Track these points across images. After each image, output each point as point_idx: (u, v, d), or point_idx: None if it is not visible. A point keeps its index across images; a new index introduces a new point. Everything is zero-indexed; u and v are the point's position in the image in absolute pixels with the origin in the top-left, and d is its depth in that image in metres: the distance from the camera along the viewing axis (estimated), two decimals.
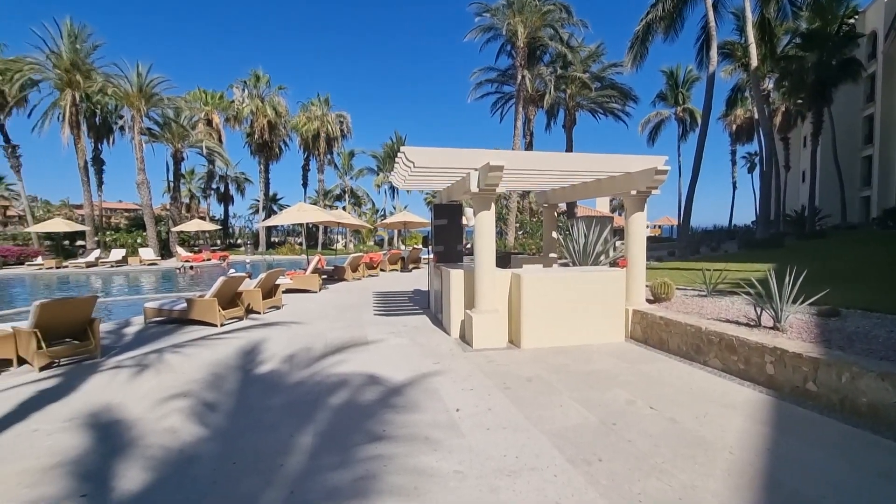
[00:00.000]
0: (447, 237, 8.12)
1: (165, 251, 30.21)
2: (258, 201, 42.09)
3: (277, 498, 2.61)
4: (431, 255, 8.42)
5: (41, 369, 5.15)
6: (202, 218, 42.67)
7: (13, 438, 3.49)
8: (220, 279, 7.63)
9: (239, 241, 45.32)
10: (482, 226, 6.01)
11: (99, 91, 26.99)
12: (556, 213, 10.08)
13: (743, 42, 22.60)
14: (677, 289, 7.27)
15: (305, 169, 40.49)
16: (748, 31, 18.61)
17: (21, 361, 5.35)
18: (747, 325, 5.03)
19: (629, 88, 27.46)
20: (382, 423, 3.59)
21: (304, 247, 38.06)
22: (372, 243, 44.71)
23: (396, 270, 18.23)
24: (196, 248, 32.83)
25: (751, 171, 51.29)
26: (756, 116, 27.69)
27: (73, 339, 5.69)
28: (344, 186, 47.79)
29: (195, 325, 7.56)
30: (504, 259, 8.16)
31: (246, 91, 35.40)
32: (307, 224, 32.06)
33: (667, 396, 4.10)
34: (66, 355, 5.45)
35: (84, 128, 27.43)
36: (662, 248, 21.95)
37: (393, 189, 48.08)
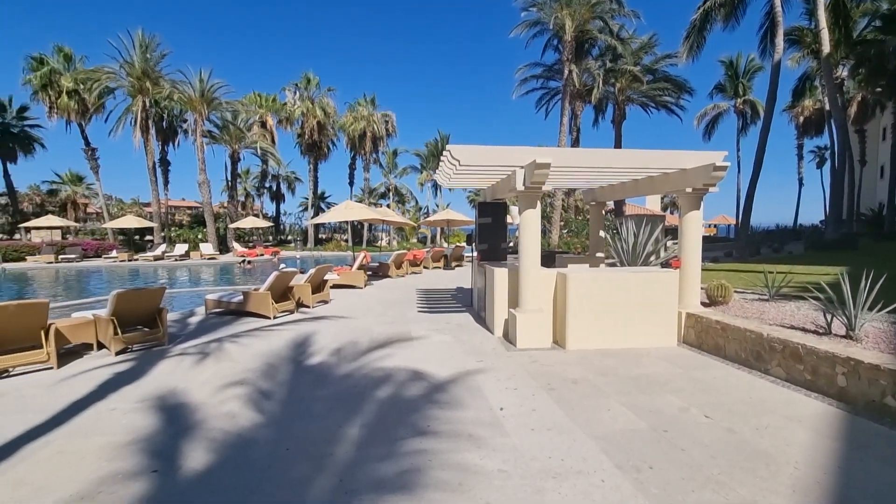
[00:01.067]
0: (491, 235, 8.08)
1: (223, 246, 32.02)
2: (307, 199, 43.70)
3: (327, 485, 2.72)
4: (475, 254, 8.42)
5: (117, 353, 5.62)
6: (256, 215, 44.91)
7: (95, 415, 3.84)
8: (274, 274, 8.01)
9: (289, 237, 47.23)
10: (527, 224, 5.94)
11: (166, 97, 28.97)
12: (603, 212, 9.78)
13: (813, 27, 20.88)
14: (735, 292, 6.87)
15: (352, 167, 41.58)
16: (819, 14, 17.16)
17: (100, 346, 5.86)
18: (815, 332, 4.66)
19: (684, 80, 26.11)
20: (427, 419, 3.64)
21: (349, 243, 39.17)
22: (415, 241, 45.27)
23: (439, 268, 18.37)
24: (250, 244, 34.60)
25: (820, 166, 47.38)
26: (827, 107, 25.53)
27: (143, 326, 6.17)
28: (388, 184, 48.64)
29: (250, 316, 7.98)
30: (549, 258, 8.03)
31: (297, 93, 36.82)
32: (353, 221, 32.98)
33: (723, 405, 3.89)
34: (138, 341, 5.92)
35: (153, 131, 29.55)
36: (718, 248, 20.77)
37: (436, 187, 48.41)
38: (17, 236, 31.88)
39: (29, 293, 14.91)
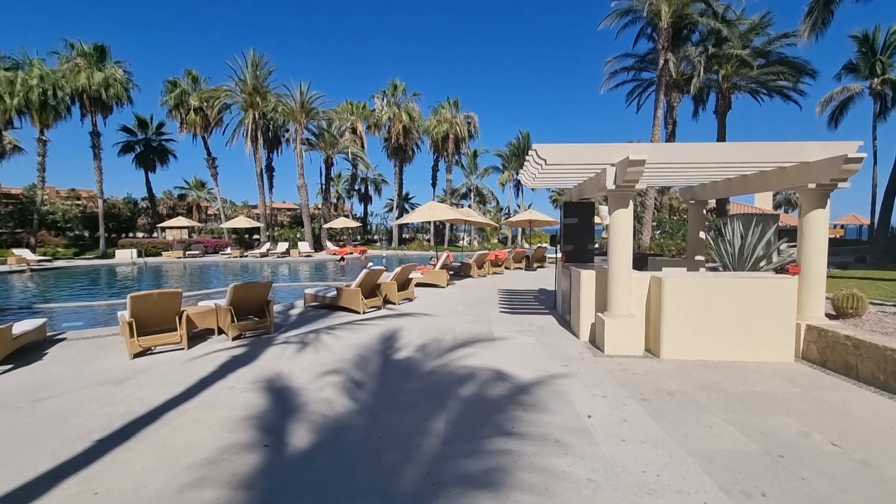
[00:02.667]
0: (577, 236, 7.81)
1: (318, 245, 34.59)
2: (392, 200, 45.62)
3: (416, 475, 2.83)
4: (559, 255, 8.19)
5: (233, 339, 6.36)
6: (346, 216, 47.89)
7: (217, 391, 4.38)
8: (364, 271, 8.50)
9: (375, 236, 49.71)
10: (618, 224, 5.65)
11: (272, 109, 32.02)
12: (704, 211, 8.96)
13: None
14: (871, 303, 5.91)
15: (434, 169, 42.56)
16: None
17: (220, 331, 6.67)
18: None
19: (804, 62, 22.92)
20: (511, 420, 3.64)
21: (431, 243, 40.18)
22: (496, 241, 45.15)
23: (521, 269, 18.14)
24: (341, 243, 36.99)
25: None
26: None
27: (254, 316, 6.89)
28: (470, 185, 49.07)
29: (342, 311, 8.54)
30: (640, 260, 7.57)
31: (385, 100, 38.60)
32: (435, 222, 33.76)
33: (855, 433, 3.38)
34: (250, 329, 6.63)
35: (260, 141, 32.81)
36: (847, 252, 17.99)
37: (517, 187, 47.85)
38: (154, 235, 37.30)
39: (164, 284, 17.38)
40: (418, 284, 11.69)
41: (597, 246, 9.59)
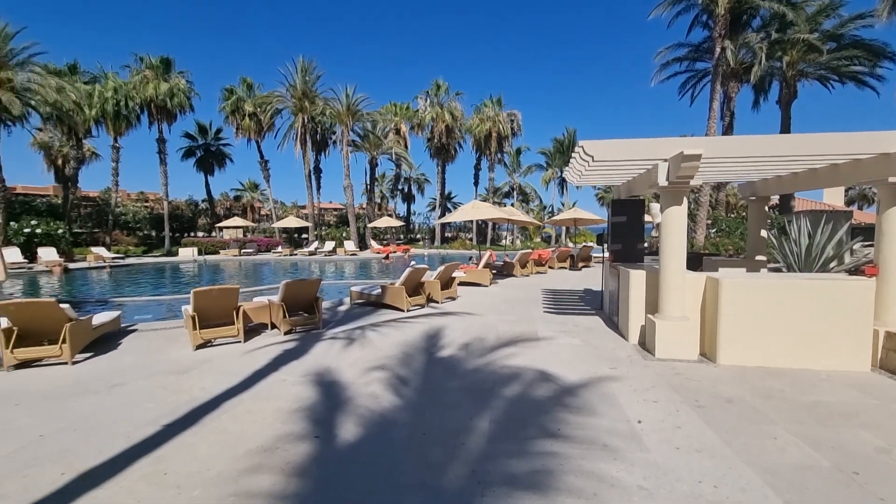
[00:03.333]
0: (626, 235, 7.54)
1: (362, 243, 35.49)
2: (435, 199, 46.06)
3: (461, 473, 2.85)
4: (607, 254, 7.95)
5: (285, 333, 6.65)
6: (390, 215, 48.81)
7: (271, 383, 4.60)
8: (407, 269, 8.62)
9: (418, 235, 50.36)
10: (671, 222, 5.41)
11: (320, 112, 33.18)
12: (766, 208, 8.38)
13: None
14: None
15: (477, 168, 42.51)
16: None
17: (272, 326, 7.00)
18: None
19: (883, 44, 20.91)
20: (556, 422, 3.57)
21: (474, 242, 40.15)
22: (539, 240, 44.49)
23: (565, 268, 17.77)
24: (385, 242, 37.75)
25: None
26: None
27: (304, 312, 7.17)
28: (512, 183, 48.61)
29: (387, 308, 8.72)
30: (694, 260, 7.22)
31: (428, 100, 38.98)
32: (478, 221, 33.68)
33: None
34: (300, 325, 6.91)
35: (309, 144, 34.07)
36: None
37: (562, 185, 46.84)
38: (213, 234, 39.65)
39: (221, 280, 18.44)
40: (461, 283, 11.72)
41: (646, 245, 9.23)
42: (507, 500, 2.55)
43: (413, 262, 13.71)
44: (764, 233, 8.24)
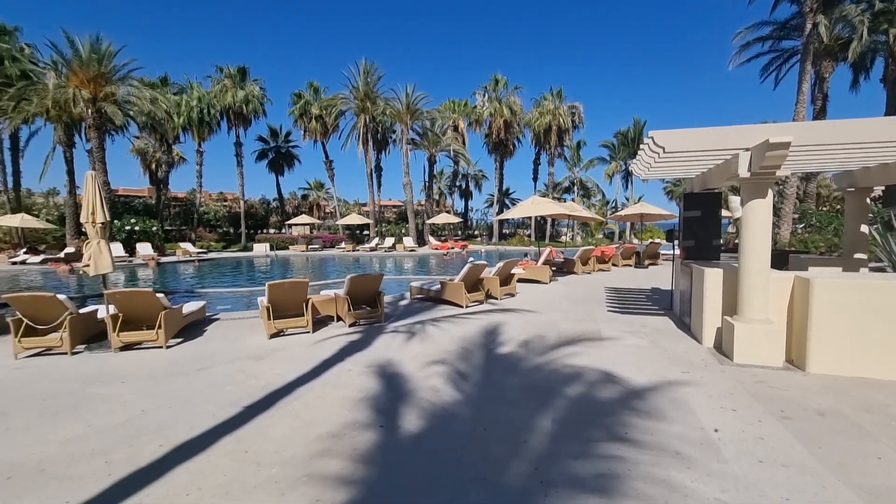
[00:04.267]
0: (700, 230, 7.04)
1: (421, 240, 36.11)
2: (493, 196, 45.77)
3: (522, 471, 2.82)
4: (678, 251, 7.48)
5: (350, 326, 6.94)
6: (448, 212, 49.16)
7: (338, 373, 4.83)
8: (467, 266, 8.66)
9: (476, 232, 50.28)
10: (754, 217, 4.97)
11: (381, 112, 34.12)
12: (868, 200, 7.45)
13: None
14: None
15: (536, 163, 41.66)
16: None
17: (338, 318, 7.33)
18: None
19: None
20: (623, 425, 3.43)
21: (532, 238, 39.45)
22: (600, 236, 42.79)
23: (630, 266, 16.95)
24: (442, 238, 38.13)
25: None
26: None
27: (367, 305, 7.44)
28: (573, 178, 47.10)
29: (445, 304, 8.81)
30: (779, 258, 6.61)
31: (486, 95, 38.75)
32: (536, 217, 33.02)
33: None
34: (363, 318, 7.17)
35: (370, 143, 35.16)
36: None
37: (626, 178, 44.68)
38: (283, 231, 42.17)
39: (290, 274, 19.59)
40: (520, 280, 11.57)
41: (724, 242, 8.55)
42: (572, 502, 2.49)
43: (471, 259, 13.72)
44: (864, 228, 7.34)
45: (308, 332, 6.60)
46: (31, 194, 43.74)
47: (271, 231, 44.01)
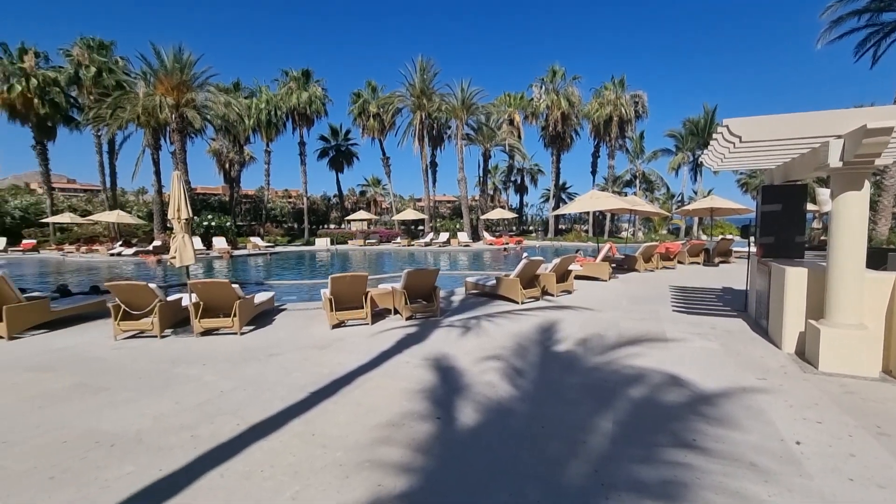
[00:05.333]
0: (780, 226, 6.48)
1: (475, 235, 36.10)
2: (549, 190, 44.74)
3: (582, 471, 2.77)
4: (755, 248, 6.93)
5: (406, 319, 7.11)
6: (502, 207, 48.75)
7: (396, 364, 4.97)
8: (522, 262, 8.55)
9: (530, 227, 49.49)
10: (846, 211, 4.50)
11: (437, 109, 34.41)
12: None
13: None
14: None
15: (595, 156, 40.13)
16: None
17: (395, 312, 7.53)
18: None
19: None
20: (691, 431, 3.26)
21: (589, 234, 38.15)
22: (664, 232, 40.47)
23: (697, 263, 15.91)
24: (497, 233, 37.89)
25: None
26: None
27: (423, 300, 7.57)
28: (635, 171, 44.88)
29: (500, 300, 8.77)
30: (876, 257, 5.94)
31: (543, 87, 37.83)
32: (594, 212, 31.87)
33: None
34: (419, 312, 7.32)
35: (426, 139, 35.59)
36: None
37: (694, 170, 41.87)
38: (342, 226, 43.93)
39: (349, 267, 20.37)
40: (577, 277, 11.26)
41: (810, 238, 7.81)
42: None
43: (525, 255, 13.55)
44: None
45: (367, 324, 6.84)
46: (125, 193, 48.73)
47: (331, 226, 45.97)
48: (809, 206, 12.22)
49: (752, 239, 7.13)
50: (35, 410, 3.84)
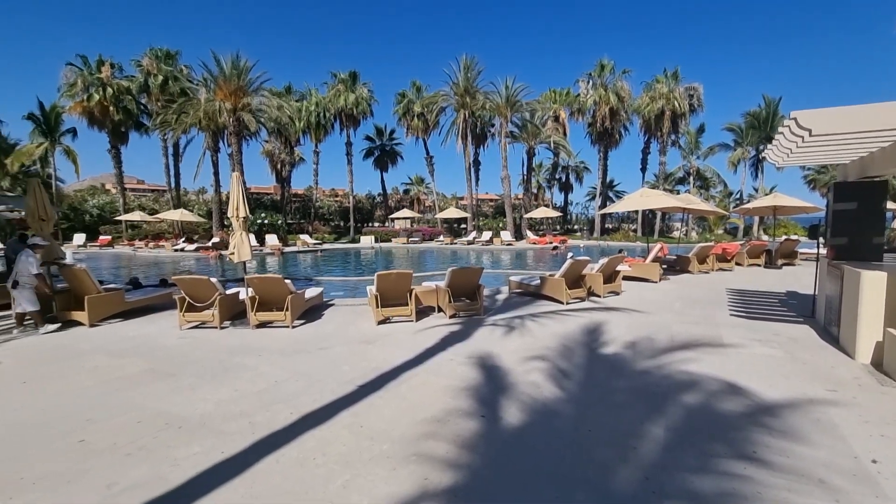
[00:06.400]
0: (855, 226, 5.96)
1: (518, 234, 35.70)
2: (595, 188, 43.46)
3: (632, 478, 2.69)
4: (824, 250, 6.43)
5: (450, 317, 7.16)
6: (546, 205, 47.89)
7: (439, 361, 5.03)
8: (568, 261, 8.38)
9: (575, 226, 48.27)
10: None
11: (480, 107, 34.29)
12: None
13: None
14: None
15: (645, 152, 38.51)
16: None
17: (439, 309, 7.60)
18: None
19: None
20: (751, 442, 3.08)
21: (638, 233, 36.72)
22: (720, 231, 38.21)
23: (757, 265, 14.93)
24: (540, 233, 37.26)
25: None
26: None
27: (466, 298, 7.59)
28: (689, 167, 42.65)
29: (545, 300, 8.63)
30: None
31: (590, 82, 36.75)
32: (643, 211, 30.64)
33: None
34: (463, 310, 7.35)
35: (469, 138, 35.56)
36: None
37: (755, 167, 39.25)
38: (386, 224, 44.74)
39: (393, 265, 20.74)
40: (625, 278, 10.89)
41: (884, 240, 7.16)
42: None
43: (571, 254, 13.25)
44: None
45: (411, 321, 6.95)
46: (186, 192, 52.05)
47: (376, 224, 46.94)
48: (889, 205, 11.19)
49: (821, 240, 6.62)
50: (113, 392, 4.20)
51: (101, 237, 28.92)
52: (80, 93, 29.70)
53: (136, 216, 29.48)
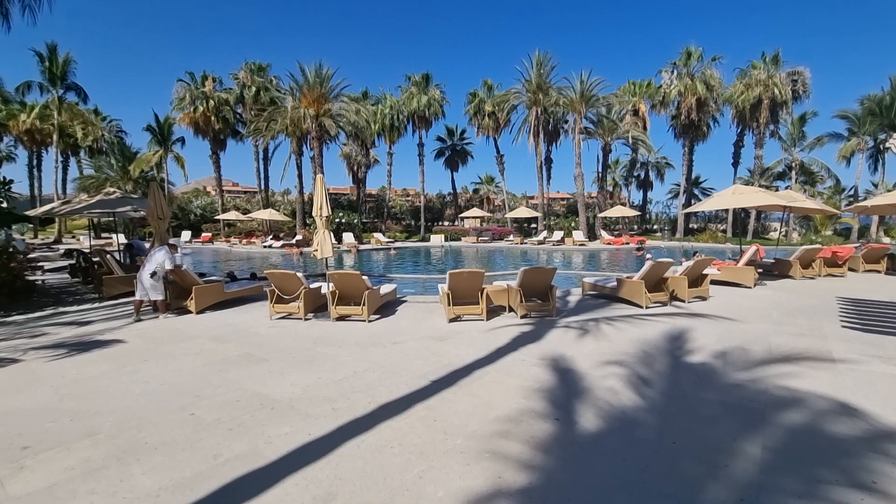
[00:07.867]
0: None
1: (591, 234, 34.33)
2: (678, 185, 40.52)
3: (725, 498, 2.49)
4: None
5: (521, 317, 7.09)
6: (622, 204, 45.57)
7: (512, 361, 5.01)
8: (648, 263, 7.92)
9: (655, 226, 45.36)
10: None
11: (553, 103, 33.44)
12: None
13: None
14: None
15: (737, 145, 35.21)
16: None
17: (510, 309, 7.55)
18: None
19: None
20: (868, 471, 2.72)
21: (728, 234, 33.66)
22: (830, 233, 33.83)
23: (877, 272, 13.03)
24: (616, 233, 35.52)
25: None
26: None
27: (538, 298, 7.47)
28: (790, 161, 38.24)
29: (621, 303, 8.23)
30: None
31: (675, 72, 34.30)
32: (735, 209, 27.98)
33: None
34: (535, 310, 7.24)
35: (541, 135, 34.82)
36: None
37: (874, 159, 34.28)
38: (455, 223, 45.22)
39: (462, 264, 20.92)
40: (714, 282, 10.05)
41: None
42: None
43: (649, 255, 12.49)
44: None
45: (482, 320, 6.98)
46: (273, 194, 56.51)
47: (446, 223, 47.57)
48: None
49: None
50: (216, 373, 4.70)
51: (203, 234, 32.33)
52: (187, 105, 33.47)
53: (232, 215, 32.58)
